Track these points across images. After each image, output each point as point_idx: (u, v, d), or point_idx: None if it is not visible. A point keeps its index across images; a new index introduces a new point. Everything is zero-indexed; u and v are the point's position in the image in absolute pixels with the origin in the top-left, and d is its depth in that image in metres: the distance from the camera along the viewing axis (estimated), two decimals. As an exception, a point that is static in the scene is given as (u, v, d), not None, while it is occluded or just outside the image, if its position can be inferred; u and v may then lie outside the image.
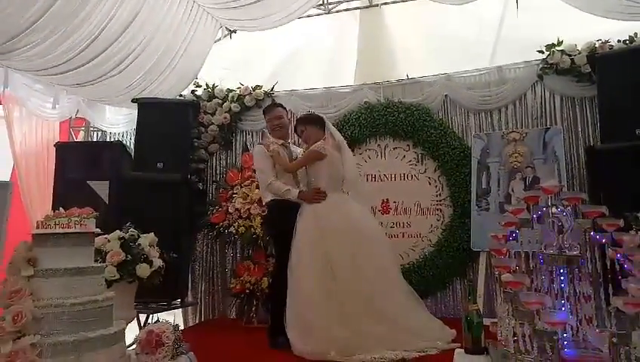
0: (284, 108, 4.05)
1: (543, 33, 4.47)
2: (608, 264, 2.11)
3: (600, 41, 4.27)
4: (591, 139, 4.30)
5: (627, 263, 2.01)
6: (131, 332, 2.88)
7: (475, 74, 4.75)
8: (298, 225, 3.46)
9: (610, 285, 2.04)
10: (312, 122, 3.76)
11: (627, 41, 4.17)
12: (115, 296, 2.45)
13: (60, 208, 2.47)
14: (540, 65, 4.48)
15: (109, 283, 2.93)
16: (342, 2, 5.39)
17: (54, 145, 5.02)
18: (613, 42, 4.23)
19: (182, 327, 3.88)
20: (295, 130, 4.02)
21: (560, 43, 4.40)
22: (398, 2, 5.23)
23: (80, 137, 5.79)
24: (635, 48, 4.02)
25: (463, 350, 2.36)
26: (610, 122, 3.85)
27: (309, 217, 3.46)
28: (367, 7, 5.34)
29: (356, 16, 5.42)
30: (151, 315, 4.23)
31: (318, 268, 3.28)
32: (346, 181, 3.66)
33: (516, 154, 4.20)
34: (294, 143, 4.33)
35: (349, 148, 4.53)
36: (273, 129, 3.86)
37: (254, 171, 4.60)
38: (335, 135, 3.76)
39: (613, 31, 4.21)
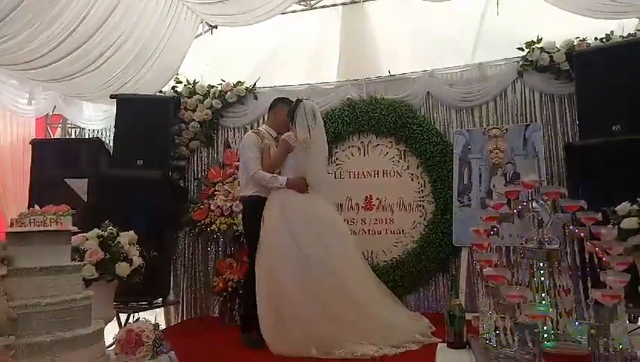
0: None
1: (523, 30, 4.52)
2: (587, 257, 2.14)
3: (578, 39, 4.33)
4: (570, 135, 4.37)
5: (605, 256, 2.04)
6: (111, 332, 2.83)
7: (456, 71, 4.79)
8: (265, 217, 3.40)
9: (589, 278, 2.07)
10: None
11: (604, 39, 4.25)
12: (93, 296, 2.40)
13: (35, 206, 2.41)
14: (520, 63, 4.53)
15: (88, 283, 2.86)
16: (324, -2, 5.38)
17: (30, 142, 4.90)
18: (591, 40, 4.30)
19: (163, 326, 3.83)
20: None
21: (539, 40, 4.45)
22: (381, -1, 5.24)
23: (57, 134, 5.67)
24: (612, 46, 4.09)
25: (445, 344, 2.37)
26: (589, 119, 3.91)
27: (276, 209, 3.41)
28: (349, 3, 5.33)
29: (339, 12, 5.41)
30: (132, 315, 4.17)
31: (290, 259, 3.25)
32: (311, 179, 3.51)
33: (497, 150, 4.24)
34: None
35: (332, 144, 4.57)
36: (284, 124, 3.67)
37: (238, 167, 4.58)
38: (313, 128, 3.53)
39: (591, 29, 4.28)
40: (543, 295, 2.13)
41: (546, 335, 2.05)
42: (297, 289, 3.19)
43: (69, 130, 5.72)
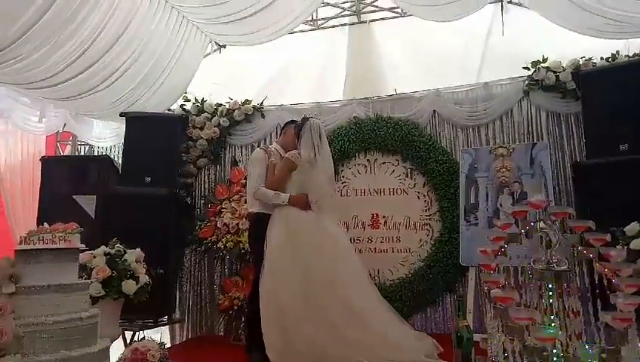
0: None
1: (529, 49, 4.55)
2: (596, 279, 2.11)
3: (584, 59, 4.35)
4: (577, 154, 4.36)
5: (615, 278, 2.02)
6: (117, 350, 2.82)
7: (462, 90, 4.81)
8: (269, 235, 3.36)
9: (598, 300, 2.05)
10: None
11: (610, 59, 4.26)
12: (100, 314, 2.40)
13: (44, 223, 2.43)
14: (526, 82, 4.55)
15: (94, 300, 2.87)
16: (331, 19, 5.45)
17: (40, 160, 4.96)
18: (597, 59, 4.32)
19: (169, 345, 3.82)
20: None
21: (545, 60, 4.47)
22: (387, 19, 5.31)
23: (67, 151, 5.74)
24: (618, 66, 4.11)
25: (453, 366, 2.34)
26: (596, 138, 3.91)
27: (280, 227, 3.38)
28: (355, 23, 5.40)
29: (345, 32, 5.48)
30: (137, 332, 4.15)
31: (295, 278, 3.22)
32: (314, 197, 3.46)
33: (504, 169, 4.24)
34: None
35: (338, 163, 4.58)
36: (292, 141, 3.66)
37: (244, 185, 4.61)
38: (318, 149, 3.53)
39: (597, 48, 4.30)
40: (552, 317, 2.10)
41: (555, 359, 2.02)
42: (301, 310, 3.16)
43: (79, 147, 5.78)
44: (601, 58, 4.30)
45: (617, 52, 4.26)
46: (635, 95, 3.68)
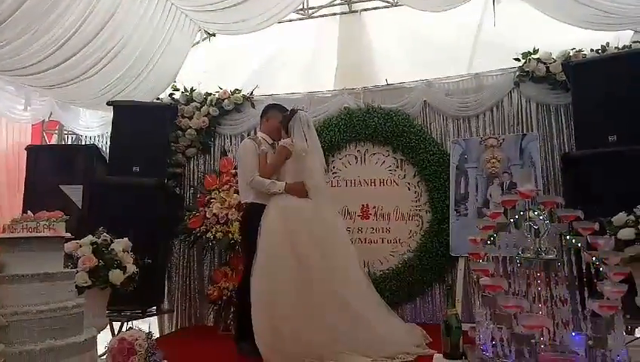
0: None
1: (520, 40, 4.55)
2: (584, 267, 2.13)
3: (574, 50, 4.36)
4: (566, 145, 4.38)
5: (602, 266, 2.03)
6: (104, 341, 2.80)
7: (453, 80, 4.80)
8: (263, 225, 3.32)
9: (586, 288, 2.06)
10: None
11: (600, 51, 4.27)
12: (86, 303, 2.37)
13: (28, 211, 2.39)
14: (517, 73, 4.55)
15: (81, 290, 2.84)
16: (322, 7, 5.40)
17: (25, 148, 4.88)
18: (587, 51, 4.33)
19: (157, 335, 3.79)
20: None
21: (536, 51, 4.47)
22: (379, 8, 5.27)
23: (53, 140, 5.65)
24: (607, 57, 4.12)
25: (441, 355, 2.35)
26: (585, 129, 3.92)
27: (276, 217, 3.34)
28: (347, 12, 5.36)
29: (336, 21, 5.43)
30: (125, 323, 4.13)
31: (289, 269, 3.19)
32: (311, 186, 3.46)
33: (494, 160, 4.25)
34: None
35: (328, 153, 4.56)
36: (277, 130, 3.67)
37: (234, 175, 4.57)
38: (309, 137, 3.52)
39: (588, 39, 4.31)
40: (540, 305, 2.11)
41: (542, 346, 2.04)
42: (294, 300, 3.14)
43: (65, 136, 5.70)
44: (592, 50, 4.31)
45: (607, 44, 4.27)
46: (624, 87, 3.69)
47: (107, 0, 4.06)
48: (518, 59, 4.52)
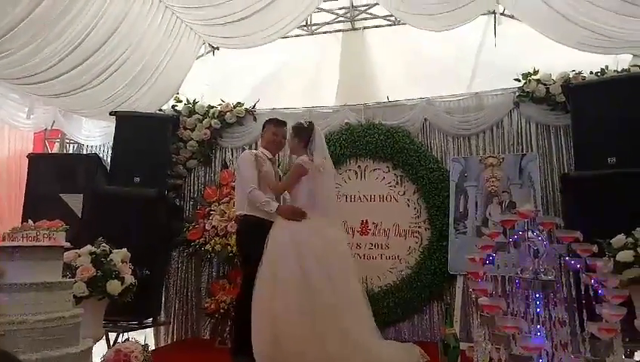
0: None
1: (520, 61, 4.61)
2: (583, 289, 2.13)
3: (574, 72, 4.41)
4: (565, 166, 4.41)
5: (601, 288, 2.03)
6: (100, 352, 2.78)
7: (454, 99, 4.84)
8: (271, 237, 3.28)
9: (584, 310, 2.06)
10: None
11: (599, 73, 4.32)
12: (83, 314, 2.36)
13: (29, 220, 2.39)
14: (517, 93, 4.60)
15: (78, 300, 2.83)
16: (325, 24, 5.47)
17: (27, 156, 4.89)
18: (586, 74, 4.38)
19: (153, 347, 3.77)
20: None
21: (536, 72, 4.53)
22: (381, 27, 5.34)
23: (55, 149, 5.66)
24: (607, 80, 4.17)
25: (439, 374, 2.33)
26: (584, 150, 3.95)
27: (284, 231, 3.30)
28: (349, 30, 5.43)
29: (339, 38, 5.50)
30: (121, 334, 4.10)
31: (291, 287, 3.12)
32: (323, 204, 3.46)
33: (493, 179, 4.27)
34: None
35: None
36: (272, 142, 3.72)
37: (234, 188, 4.58)
38: (324, 154, 3.54)
39: (587, 62, 4.35)
40: (539, 326, 2.11)
41: (540, 368, 2.03)
42: (296, 318, 3.06)
43: (67, 145, 5.72)
44: (591, 72, 4.36)
45: (606, 67, 4.33)
46: (623, 109, 3.73)
47: (114, 11, 4.12)
48: (518, 80, 4.57)
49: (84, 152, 5.59)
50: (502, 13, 4.83)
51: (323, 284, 3.17)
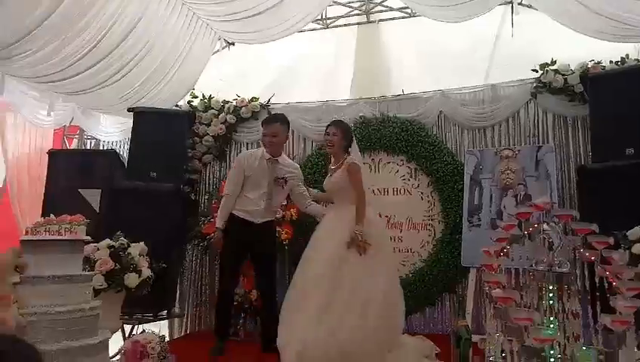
0: (285, 122, 3.74)
1: (537, 52, 4.53)
2: (597, 281, 2.11)
3: (592, 62, 4.32)
4: (582, 157, 4.34)
5: (616, 281, 2.01)
6: (115, 343, 2.85)
7: (469, 91, 4.79)
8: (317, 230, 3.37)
9: (598, 303, 2.05)
10: (346, 135, 3.52)
11: (619, 62, 4.23)
12: (101, 306, 2.43)
13: (51, 214, 2.46)
14: (534, 84, 4.53)
15: (96, 292, 2.90)
16: (340, 18, 5.45)
17: (47, 153, 5.00)
18: (606, 63, 4.29)
19: (167, 339, 3.83)
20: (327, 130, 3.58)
21: (553, 63, 4.45)
22: (396, 19, 5.30)
23: (73, 145, 5.77)
24: (627, 70, 4.08)
25: (451, 366, 2.34)
26: (602, 142, 3.88)
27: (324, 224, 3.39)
28: (364, 23, 5.40)
29: (354, 31, 5.47)
30: (136, 326, 4.18)
31: (331, 276, 3.08)
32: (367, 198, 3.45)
33: (508, 171, 4.22)
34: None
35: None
36: (263, 143, 3.73)
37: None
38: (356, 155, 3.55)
39: (607, 51, 4.25)
40: (552, 318, 2.10)
41: (552, 360, 2.02)
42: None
43: (86, 141, 5.82)
44: (610, 62, 4.27)
45: (627, 55, 4.23)
46: (642, 99, 3.65)
47: (132, 8, 4.17)
48: (535, 71, 4.50)
49: (102, 148, 5.69)
50: (519, 3, 4.74)
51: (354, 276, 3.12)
